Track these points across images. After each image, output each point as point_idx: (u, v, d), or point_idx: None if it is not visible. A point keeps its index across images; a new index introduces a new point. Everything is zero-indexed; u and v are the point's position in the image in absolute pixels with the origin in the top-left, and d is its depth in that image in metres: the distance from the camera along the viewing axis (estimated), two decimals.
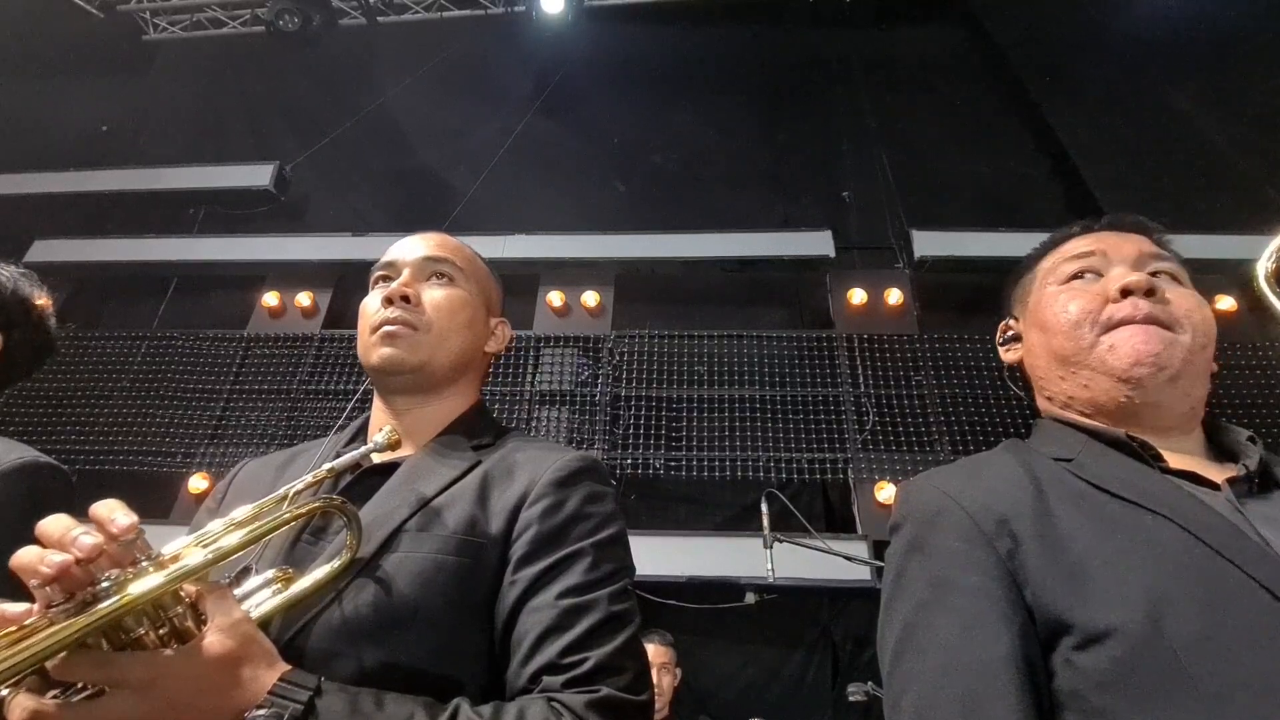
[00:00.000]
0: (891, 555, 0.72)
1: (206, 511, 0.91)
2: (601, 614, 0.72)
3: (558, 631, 0.70)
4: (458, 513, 0.78)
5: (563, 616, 0.71)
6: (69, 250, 4.22)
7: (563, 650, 0.69)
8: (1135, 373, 0.71)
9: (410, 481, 0.82)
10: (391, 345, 0.88)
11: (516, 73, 4.88)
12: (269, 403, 3.67)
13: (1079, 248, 0.82)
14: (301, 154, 4.53)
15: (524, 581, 0.74)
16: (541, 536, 0.77)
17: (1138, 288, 0.74)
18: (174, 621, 0.59)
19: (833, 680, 3.19)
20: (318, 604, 0.71)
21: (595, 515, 0.81)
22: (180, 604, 0.60)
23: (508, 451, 0.88)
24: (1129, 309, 0.73)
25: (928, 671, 0.60)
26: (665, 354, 3.68)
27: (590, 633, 0.71)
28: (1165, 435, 0.73)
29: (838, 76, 4.79)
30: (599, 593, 0.74)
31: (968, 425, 3.35)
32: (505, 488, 0.82)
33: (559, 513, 0.79)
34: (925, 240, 3.83)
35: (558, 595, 0.73)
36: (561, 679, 0.67)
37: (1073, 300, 0.78)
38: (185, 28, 5.29)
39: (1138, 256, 0.79)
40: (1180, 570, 0.57)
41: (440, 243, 0.99)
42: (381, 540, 0.74)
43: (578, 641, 0.70)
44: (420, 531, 0.76)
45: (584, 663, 0.68)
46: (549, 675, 0.68)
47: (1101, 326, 0.75)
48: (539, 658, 0.69)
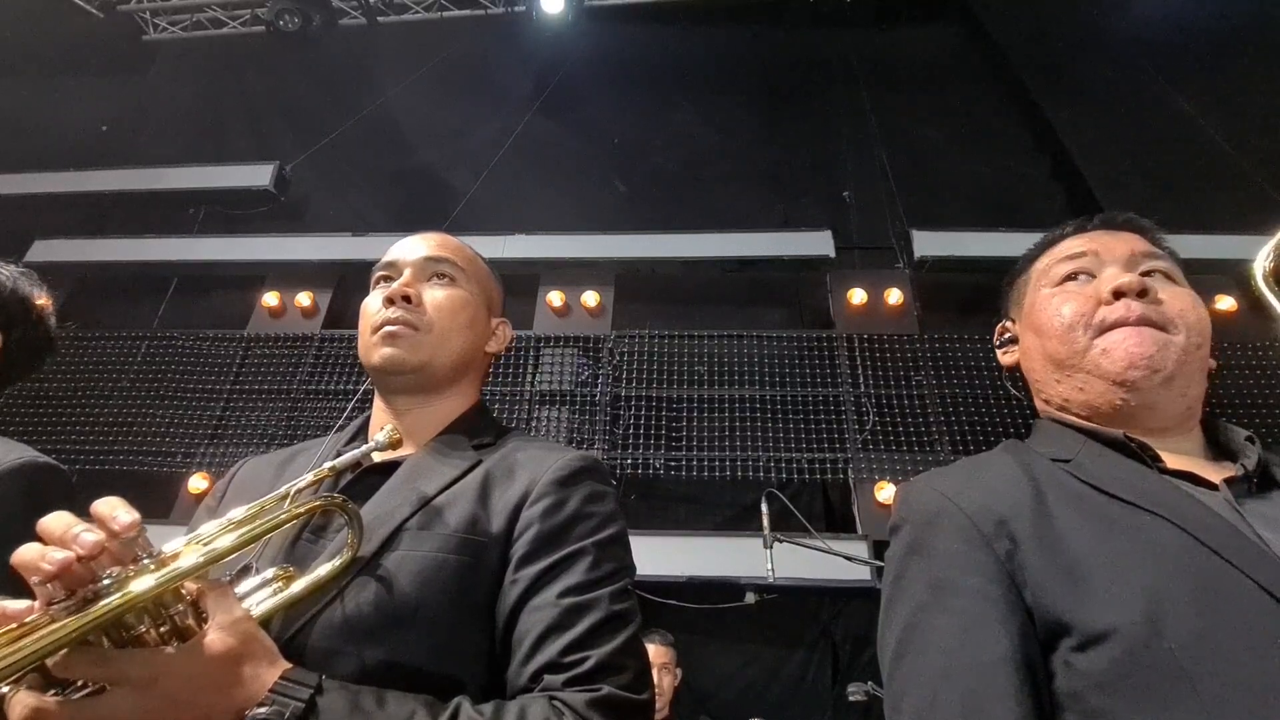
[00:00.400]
0: (891, 557, 0.72)
1: (206, 510, 0.91)
2: (603, 613, 0.72)
3: (559, 630, 0.70)
4: (459, 512, 0.78)
5: (564, 615, 0.71)
6: (69, 250, 4.21)
7: (564, 649, 0.69)
8: (1129, 376, 0.71)
9: (411, 480, 0.82)
10: (393, 345, 0.88)
11: (516, 73, 4.88)
12: (269, 403, 3.67)
13: (1072, 248, 0.82)
14: (301, 154, 4.53)
15: (525, 580, 0.74)
16: (543, 536, 0.77)
17: (1130, 289, 0.73)
18: (175, 619, 0.59)
19: (833, 680, 3.19)
20: (319, 602, 0.71)
21: (596, 515, 0.81)
22: (181, 601, 0.60)
23: (509, 451, 0.88)
24: (1122, 311, 0.73)
25: (928, 673, 0.60)
26: (665, 354, 3.68)
27: (591, 631, 0.70)
28: (1163, 436, 0.73)
29: (838, 76, 4.79)
30: (600, 592, 0.74)
31: (968, 425, 3.35)
32: (506, 487, 0.82)
33: (560, 512, 0.79)
34: (925, 240, 3.83)
35: (559, 594, 0.73)
36: (563, 677, 0.67)
37: (1066, 303, 0.78)
38: (185, 28, 5.30)
39: (1130, 256, 0.78)
40: (1179, 571, 0.57)
41: (441, 243, 0.99)
42: (383, 539, 0.75)
43: (579, 640, 0.70)
44: (421, 530, 0.76)
45: (585, 661, 0.68)
46: (550, 674, 0.68)
47: (1095, 329, 0.74)
48: (540, 656, 0.69)
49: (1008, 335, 0.90)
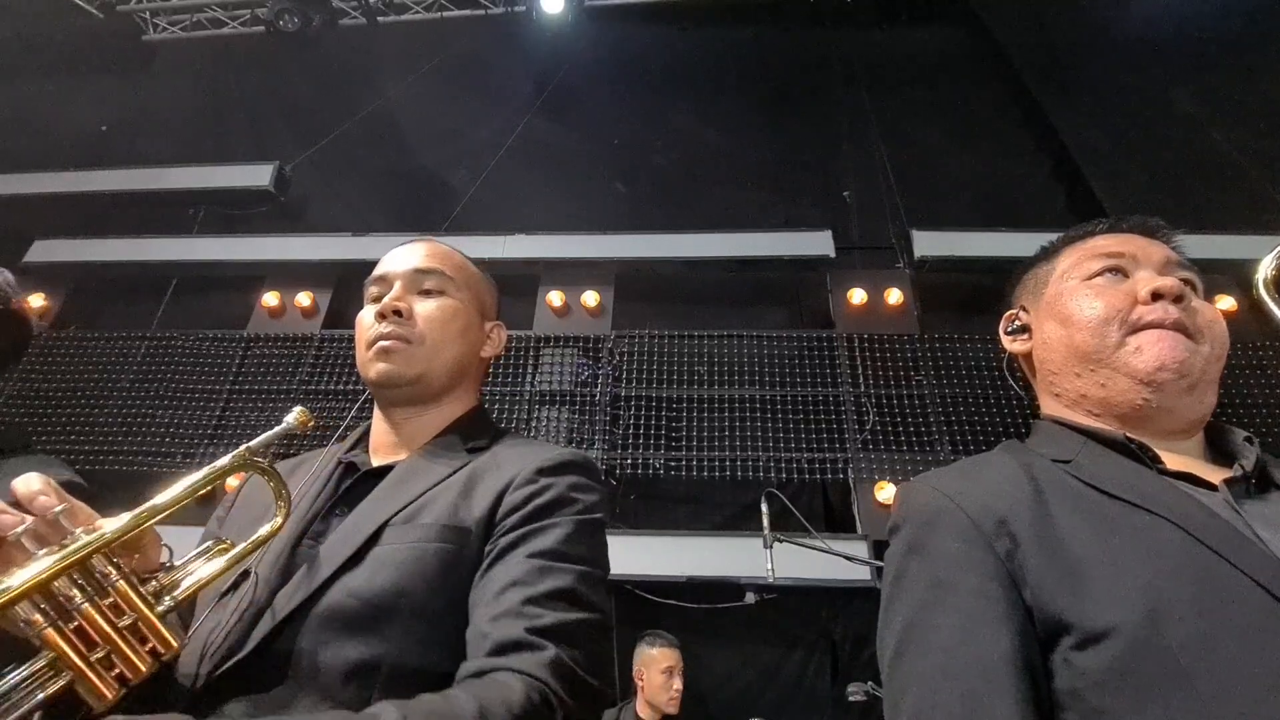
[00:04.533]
0: (891, 556, 0.72)
1: (216, 520, 0.92)
2: (568, 584, 0.72)
3: (523, 585, 0.70)
4: (442, 504, 0.79)
5: (531, 574, 0.71)
6: (69, 250, 4.22)
7: (525, 600, 0.69)
8: (1158, 377, 0.71)
9: (402, 482, 0.83)
10: (387, 361, 0.89)
11: (516, 73, 4.89)
12: (269, 403, 3.67)
13: (1107, 246, 0.81)
14: (301, 154, 4.54)
15: (498, 547, 0.75)
16: (524, 516, 0.78)
17: (1169, 292, 0.74)
18: (115, 590, 0.61)
19: (832, 680, 3.19)
20: (301, 601, 0.71)
21: (580, 501, 0.82)
22: (118, 572, 0.61)
23: (499, 450, 0.89)
24: (1159, 313, 0.73)
25: (928, 672, 0.60)
26: (665, 354, 3.68)
27: (553, 595, 0.70)
28: (1168, 438, 0.73)
29: (838, 76, 4.79)
30: (570, 565, 0.74)
31: (968, 425, 3.36)
32: (491, 479, 0.83)
33: (543, 495, 0.80)
34: (925, 240, 3.83)
35: (528, 555, 0.73)
36: (523, 625, 0.67)
37: (1099, 297, 0.77)
38: (185, 28, 5.30)
39: (1165, 262, 0.78)
40: (1178, 570, 0.58)
41: (429, 252, 0.98)
42: (367, 535, 0.75)
43: (541, 596, 0.69)
44: (405, 525, 0.77)
45: (542, 617, 0.68)
46: (508, 620, 0.68)
47: (1129, 327, 0.74)
48: (500, 605, 0.69)
49: (1018, 323, 0.89)
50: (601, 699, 0.70)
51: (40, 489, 0.60)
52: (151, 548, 0.70)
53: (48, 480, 0.61)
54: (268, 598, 0.72)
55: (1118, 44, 4.59)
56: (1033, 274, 0.89)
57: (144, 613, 0.62)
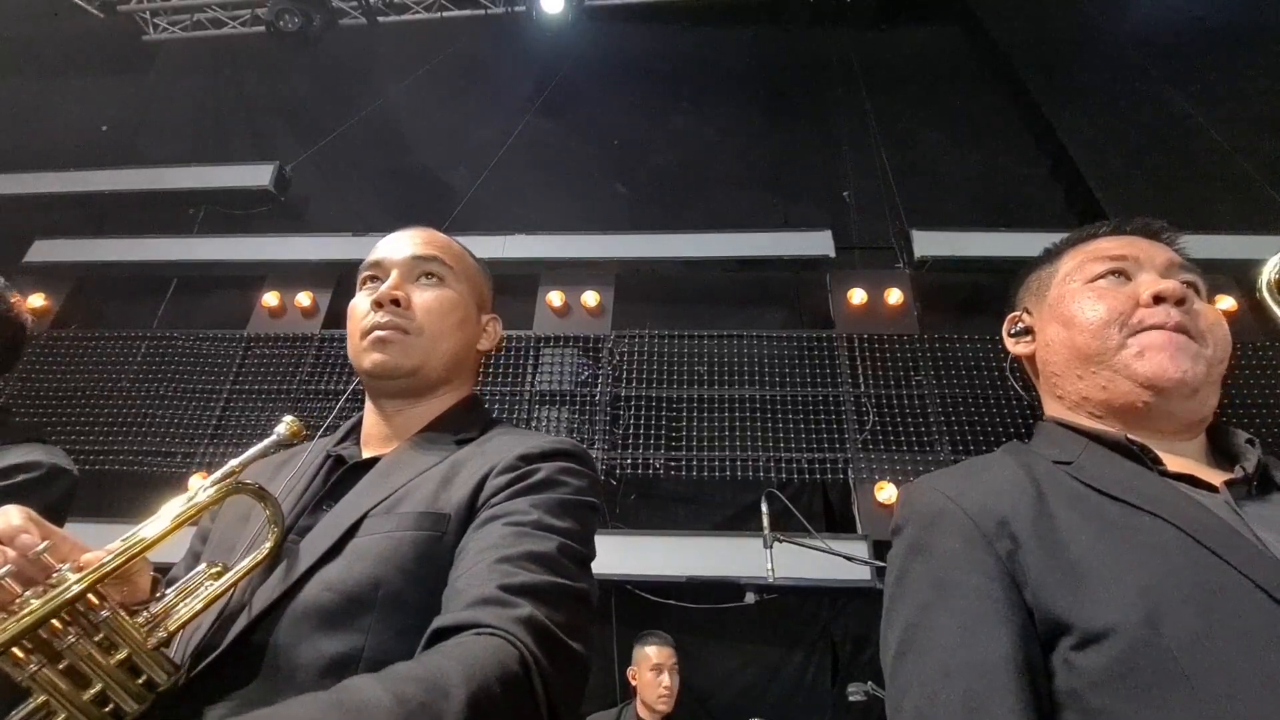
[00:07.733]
0: (893, 557, 0.72)
1: (209, 515, 0.91)
2: (548, 549, 0.69)
3: (500, 548, 0.68)
4: (423, 493, 0.77)
5: (509, 538, 0.69)
6: (69, 250, 4.22)
7: (499, 559, 0.66)
8: (1160, 381, 0.71)
9: (386, 473, 0.81)
10: (383, 351, 0.87)
11: (516, 73, 4.89)
12: (269, 403, 3.67)
13: (1110, 248, 0.81)
14: (301, 154, 4.54)
15: (479, 520, 0.73)
16: (507, 495, 0.75)
17: (1172, 295, 0.74)
18: (104, 627, 0.59)
19: (833, 680, 3.19)
20: (278, 596, 0.69)
21: (568, 484, 0.79)
22: (105, 606, 0.60)
23: (488, 439, 0.87)
24: (1161, 316, 0.73)
25: (929, 672, 0.60)
26: (665, 354, 3.68)
27: (530, 557, 0.67)
28: (1170, 439, 0.73)
29: (837, 76, 4.80)
30: (552, 535, 0.71)
31: (968, 425, 3.36)
32: (475, 465, 0.80)
33: (528, 479, 0.77)
34: (925, 240, 3.83)
35: (508, 523, 0.71)
36: (495, 582, 0.64)
37: (1102, 300, 0.77)
38: (185, 28, 5.30)
39: (1168, 265, 0.78)
40: (1178, 571, 0.58)
41: (428, 240, 0.96)
42: (346, 527, 0.73)
43: (517, 556, 0.67)
44: (384, 515, 0.75)
45: (516, 575, 0.65)
46: (481, 577, 0.66)
47: (1131, 329, 0.74)
48: (475, 564, 0.67)
49: (1021, 325, 0.89)
50: (582, 665, 0.66)
51: (21, 525, 0.58)
52: (140, 575, 0.69)
53: (28, 514, 0.59)
54: (246, 594, 0.71)
55: (1117, 44, 4.60)
56: (1036, 276, 0.89)
57: (136, 648, 0.61)
